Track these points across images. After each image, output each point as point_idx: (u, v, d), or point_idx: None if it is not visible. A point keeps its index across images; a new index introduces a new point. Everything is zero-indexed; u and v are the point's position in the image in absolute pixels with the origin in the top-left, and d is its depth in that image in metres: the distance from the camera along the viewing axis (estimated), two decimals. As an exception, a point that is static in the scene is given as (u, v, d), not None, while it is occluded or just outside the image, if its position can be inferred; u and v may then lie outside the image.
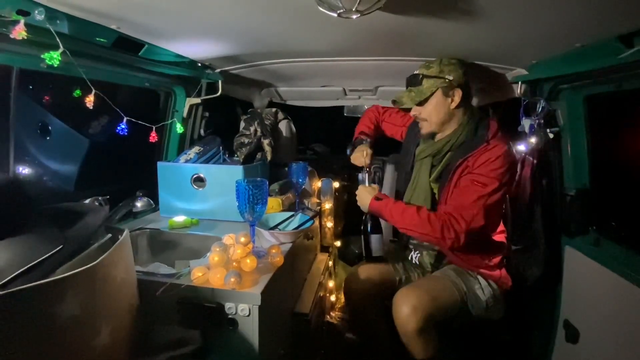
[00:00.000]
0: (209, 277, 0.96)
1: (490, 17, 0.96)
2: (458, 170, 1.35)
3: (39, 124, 1.64)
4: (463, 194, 1.31)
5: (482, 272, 1.42)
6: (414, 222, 1.32)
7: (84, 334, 0.64)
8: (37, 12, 0.85)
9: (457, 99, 1.36)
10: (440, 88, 1.35)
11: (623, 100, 1.48)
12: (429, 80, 1.36)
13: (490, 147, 1.32)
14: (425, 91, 1.36)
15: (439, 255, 1.50)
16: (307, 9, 0.88)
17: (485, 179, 1.29)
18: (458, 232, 1.27)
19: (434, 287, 1.37)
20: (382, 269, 1.55)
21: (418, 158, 1.50)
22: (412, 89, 1.40)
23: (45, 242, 0.68)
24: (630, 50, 0.99)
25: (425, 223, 1.30)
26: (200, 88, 1.79)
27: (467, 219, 1.27)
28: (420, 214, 1.32)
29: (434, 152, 1.44)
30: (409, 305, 1.28)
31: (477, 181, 1.29)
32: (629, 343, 1.22)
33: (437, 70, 1.35)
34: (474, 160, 1.32)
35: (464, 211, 1.28)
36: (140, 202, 1.62)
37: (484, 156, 1.31)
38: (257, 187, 1.09)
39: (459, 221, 1.27)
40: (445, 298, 1.34)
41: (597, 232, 1.50)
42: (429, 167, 1.45)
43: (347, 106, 2.61)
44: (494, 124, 1.38)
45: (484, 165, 1.30)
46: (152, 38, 1.22)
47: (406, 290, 1.35)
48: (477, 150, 1.33)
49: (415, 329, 1.27)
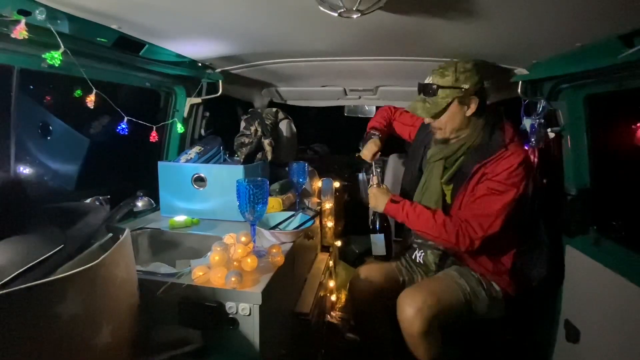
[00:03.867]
0: (210, 277, 0.96)
1: (491, 17, 0.96)
2: (476, 176, 1.33)
3: (40, 123, 1.65)
4: (482, 202, 1.31)
5: (487, 273, 1.42)
6: (429, 225, 1.33)
7: (84, 333, 0.64)
8: (38, 11, 0.85)
9: (473, 107, 1.31)
10: (456, 98, 1.29)
11: (624, 99, 1.48)
12: (445, 90, 1.29)
13: (509, 154, 1.29)
14: (440, 102, 1.30)
15: (443, 254, 1.50)
16: (308, 8, 0.88)
17: (504, 186, 1.28)
18: (473, 239, 1.28)
19: (438, 288, 1.36)
20: (386, 269, 1.55)
21: (430, 161, 1.47)
22: (426, 99, 1.33)
23: (46, 242, 0.68)
24: (631, 50, 0.99)
25: (441, 228, 1.31)
26: (201, 88, 1.79)
27: (484, 226, 1.28)
28: (436, 218, 1.33)
29: (447, 155, 1.41)
30: (414, 307, 1.28)
31: (496, 189, 1.28)
32: (630, 342, 1.22)
33: (453, 79, 1.28)
34: (493, 167, 1.30)
35: (481, 219, 1.28)
36: (141, 202, 1.62)
37: (504, 163, 1.29)
38: (257, 186, 1.09)
39: (476, 229, 1.28)
40: (449, 299, 1.34)
41: (597, 231, 1.50)
42: (441, 169, 1.43)
43: (347, 106, 2.60)
44: (509, 128, 1.36)
45: (503, 174, 1.28)
46: (152, 38, 1.22)
47: (411, 291, 1.34)
48: (495, 155, 1.30)
49: (420, 330, 1.26)
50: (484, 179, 1.32)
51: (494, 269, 1.42)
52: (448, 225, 1.31)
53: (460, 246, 1.30)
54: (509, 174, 1.28)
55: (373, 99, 2.37)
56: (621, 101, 1.53)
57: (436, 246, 1.51)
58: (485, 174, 1.32)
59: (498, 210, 1.28)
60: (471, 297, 1.37)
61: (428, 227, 1.34)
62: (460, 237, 1.29)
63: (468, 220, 1.30)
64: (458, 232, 1.29)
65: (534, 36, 1.11)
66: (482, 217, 1.28)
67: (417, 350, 1.32)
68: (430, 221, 1.33)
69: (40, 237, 0.69)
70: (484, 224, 1.28)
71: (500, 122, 1.38)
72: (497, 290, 1.42)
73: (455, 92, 1.29)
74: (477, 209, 1.31)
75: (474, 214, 1.30)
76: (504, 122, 1.38)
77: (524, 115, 1.60)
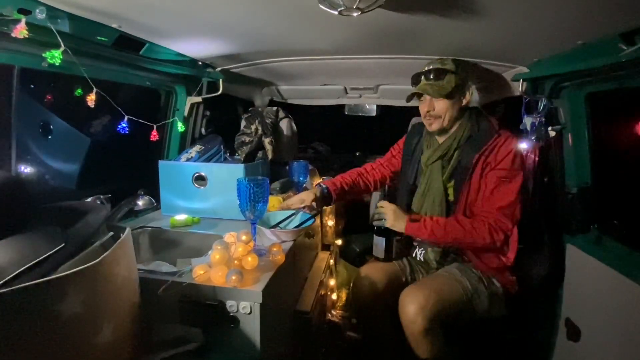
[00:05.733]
0: (211, 275, 0.96)
1: (491, 15, 0.96)
2: (478, 167, 1.36)
3: (41, 123, 1.65)
4: (498, 193, 1.33)
5: (489, 271, 1.42)
6: (459, 235, 1.32)
7: (85, 332, 0.64)
8: (38, 10, 0.85)
9: (468, 97, 1.40)
10: (457, 85, 1.37)
11: (625, 98, 1.48)
12: (449, 75, 1.37)
13: (503, 140, 1.36)
14: (446, 86, 1.37)
15: (443, 251, 1.50)
16: (308, 7, 0.88)
17: (511, 173, 1.33)
18: (506, 232, 1.31)
19: (440, 285, 1.36)
20: (388, 268, 1.55)
21: (427, 164, 1.49)
22: (433, 82, 1.38)
23: (47, 241, 0.68)
24: (632, 48, 0.98)
25: (472, 232, 1.31)
26: (201, 87, 1.79)
27: (510, 217, 1.31)
28: (463, 225, 1.33)
29: (442, 154, 1.44)
30: (416, 304, 1.28)
31: (506, 177, 1.33)
32: (630, 341, 1.22)
33: (454, 67, 1.37)
34: (494, 155, 1.35)
35: (506, 210, 1.31)
36: (141, 201, 1.62)
37: (503, 150, 1.35)
38: (258, 185, 1.09)
39: (505, 221, 1.31)
40: (451, 297, 1.34)
41: (598, 230, 1.50)
42: (440, 168, 1.45)
43: (348, 105, 2.60)
44: (494, 120, 1.43)
45: (506, 161, 1.34)
46: (153, 37, 1.22)
47: (412, 290, 1.34)
48: (491, 143, 1.36)
49: (422, 329, 1.26)
50: (488, 169, 1.35)
51: (496, 265, 1.42)
52: (477, 227, 1.31)
53: (497, 243, 1.31)
54: (512, 159, 1.34)
55: (374, 98, 2.37)
56: (622, 99, 1.52)
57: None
58: (488, 164, 1.36)
59: (516, 197, 1.33)
60: (472, 294, 1.37)
61: (459, 236, 1.33)
62: (494, 233, 1.30)
63: (495, 215, 1.32)
64: (490, 230, 1.30)
65: (534, 34, 1.11)
66: (506, 208, 1.32)
67: (418, 349, 1.32)
68: (458, 229, 1.32)
69: (41, 236, 0.69)
70: (509, 215, 1.31)
71: (482, 114, 1.45)
72: (498, 287, 1.42)
73: (457, 78, 1.37)
74: (498, 201, 1.33)
75: (498, 207, 1.32)
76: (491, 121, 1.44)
77: (524, 113, 1.60)
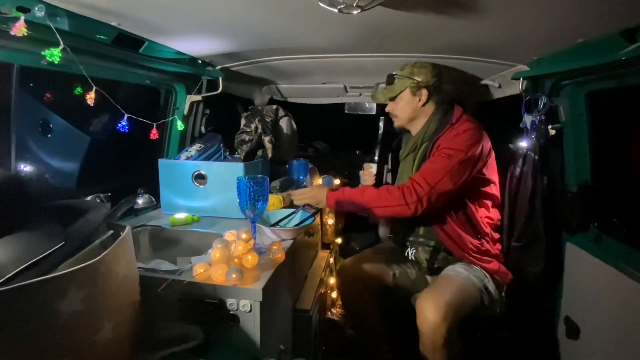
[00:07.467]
0: (211, 274, 0.96)
1: (491, 13, 0.96)
2: (432, 153, 1.44)
3: (40, 121, 1.64)
4: (430, 163, 1.40)
5: (479, 263, 1.43)
6: (373, 197, 1.40)
7: (86, 330, 0.64)
8: (37, 8, 0.85)
9: (423, 98, 1.51)
10: (409, 88, 1.50)
11: (625, 96, 1.47)
12: (400, 79, 1.52)
13: (457, 126, 1.44)
14: (395, 89, 1.53)
15: (434, 250, 1.51)
16: (308, 4, 0.88)
17: (451, 150, 1.37)
18: (420, 195, 1.32)
19: (457, 291, 1.34)
20: (375, 260, 1.60)
21: (401, 158, 1.64)
22: (386, 87, 1.58)
23: (47, 239, 0.68)
24: (633, 46, 0.98)
25: (387, 195, 1.37)
26: (201, 85, 1.79)
27: (430, 182, 1.33)
28: (380, 190, 1.40)
29: (412, 148, 1.56)
30: (437, 313, 1.24)
31: (443, 154, 1.38)
32: (630, 339, 1.22)
33: (409, 72, 1.50)
34: (443, 139, 1.43)
35: (427, 176, 1.35)
36: (141, 199, 1.61)
37: (451, 133, 1.43)
38: (258, 184, 1.09)
39: (422, 185, 1.34)
40: (469, 299, 1.35)
41: (598, 228, 1.50)
42: (412, 162, 1.56)
43: (348, 103, 2.60)
44: (457, 111, 1.49)
45: (450, 140, 1.41)
46: (152, 35, 1.22)
47: (430, 296, 1.31)
48: (443, 131, 1.44)
49: (444, 337, 1.24)
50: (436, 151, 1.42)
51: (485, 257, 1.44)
52: (392, 191, 1.37)
53: (410, 205, 1.33)
54: (456, 138, 1.40)
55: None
56: (623, 98, 1.52)
57: (427, 242, 1.52)
58: (438, 146, 1.42)
59: (443, 167, 1.35)
60: (482, 290, 1.39)
61: (373, 199, 1.39)
62: (407, 195, 1.34)
63: (414, 178, 1.37)
64: (403, 192, 1.35)
65: (534, 32, 1.11)
66: (427, 173, 1.36)
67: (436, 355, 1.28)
68: (374, 193, 1.40)
69: (41, 235, 0.69)
70: (429, 180, 1.34)
71: (450, 111, 1.51)
72: (497, 284, 1.44)
73: (408, 82, 1.50)
74: (424, 169, 1.39)
75: (420, 173, 1.38)
76: (454, 111, 1.50)
77: (524, 112, 1.60)
